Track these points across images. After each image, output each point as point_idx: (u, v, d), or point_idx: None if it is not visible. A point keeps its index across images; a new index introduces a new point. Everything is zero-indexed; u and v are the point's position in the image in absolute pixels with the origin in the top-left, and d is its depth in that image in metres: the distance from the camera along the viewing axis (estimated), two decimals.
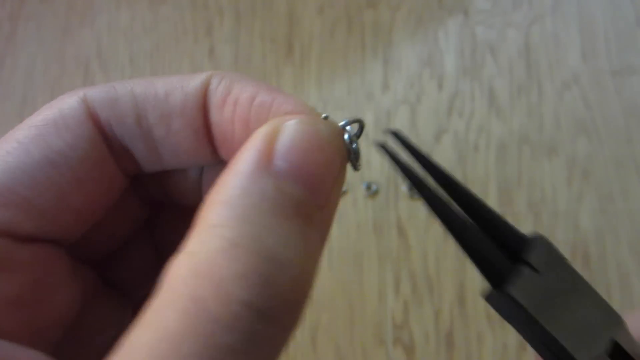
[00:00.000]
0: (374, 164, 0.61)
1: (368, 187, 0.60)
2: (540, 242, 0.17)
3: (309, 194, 0.15)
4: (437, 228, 0.58)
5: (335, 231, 0.59)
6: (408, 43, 0.66)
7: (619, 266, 0.54)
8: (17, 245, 0.17)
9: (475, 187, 0.59)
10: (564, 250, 0.59)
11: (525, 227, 0.57)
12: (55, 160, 0.17)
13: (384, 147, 0.17)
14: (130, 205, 0.21)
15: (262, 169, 0.15)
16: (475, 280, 0.56)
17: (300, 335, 0.56)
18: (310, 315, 0.57)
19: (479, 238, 0.17)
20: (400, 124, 0.62)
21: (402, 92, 0.64)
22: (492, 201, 0.58)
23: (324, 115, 0.17)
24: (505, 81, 0.63)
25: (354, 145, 0.17)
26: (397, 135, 0.17)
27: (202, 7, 0.71)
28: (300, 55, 0.67)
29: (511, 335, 0.53)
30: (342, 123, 0.17)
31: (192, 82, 0.18)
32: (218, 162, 0.19)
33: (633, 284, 0.54)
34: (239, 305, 0.13)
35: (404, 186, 0.60)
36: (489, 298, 0.17)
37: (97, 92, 0.18)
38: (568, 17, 0.64)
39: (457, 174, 0.59)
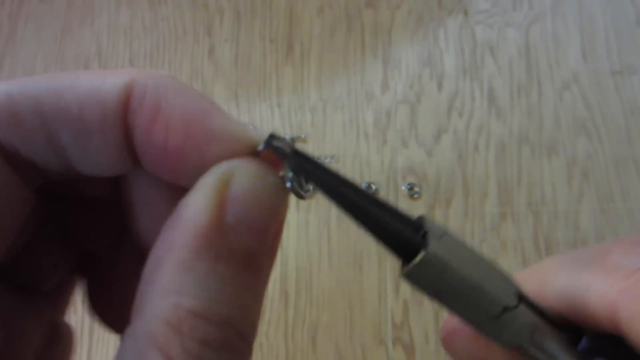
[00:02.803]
0: (374, 165, 0.61)
1: (368, 187, 0.60)
2: (428, 219, 0.18)
3: (258, 244, 0.15)
4: None
5: (335, 231, 0.59)
6: (408, 43, 0.66)
7: None
8: None
9: (475, 187, 0.59)
10: (564, 250, 0.59)
11: (525, 227, 0.57)
12: None
13: (273, 147, 0.16)
14: (33, 202, 0.19)
15: (216, 229, 0.15)
16: None
17: (300, 335, 0.56)
18: (310, 315, 0.57)
19: (386, 218, 0.17)
20: (400, 124, 0.62)
21: (401, 92, 0.64)
22: (492, 201, 0.58)
23: (250, 126, 0.17)
24: (505, 81, 0.63)
25: (289, 185, 0.16)
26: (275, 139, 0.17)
27: (202, 7, 0.71)
28: (300, 55, 0.67)
29: None
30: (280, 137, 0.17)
31: (110, 92, 0.15)
32: (139, 168, 0.18)
33: None
34: None
35: (403, 186, 0.60)
36: (410, 272, 0.17)
37: None
38: (568, 17, 0.64)
39: (457, 173, 0.59)
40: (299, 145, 0.19)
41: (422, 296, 0.56)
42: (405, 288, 0.57)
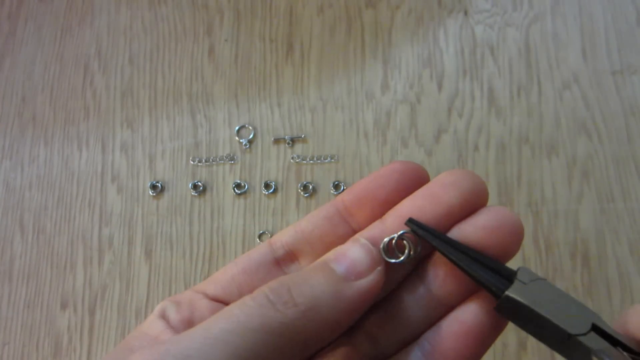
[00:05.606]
0: (373, 165, 0.61)
1: None
2: (523, 269, 0.24)
3: None
4: None
5: None
6: (408, 43, 0.66)
7: (619, 266, 0.54)
8: None
9: None
10: (564, 250, 0.59)
11: (525, 227, 0.56)
12: None
13: (415, 232, 0.24)
14: None
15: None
16: None
17: None
18: None
19: (485, 274, 0.23)
20: (400, 124, 0.62)
21: (401, 92, 0.64)
22: (491, 201, 0.58)
23: None
24: (505, 81, 0.63)
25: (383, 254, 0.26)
26: (413, 222, 0.24)
27: (202, 7, 0.71)
28: (300, 55, 0.67)
29: (511, 335, 0.53)
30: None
31: None
32: None
33: (633, 283, 0.54)
34: None
35: None
36: (497, 307, 0.23)
37: None
38: (568, 17, 0.64)
39: None
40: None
41: None
42: None
